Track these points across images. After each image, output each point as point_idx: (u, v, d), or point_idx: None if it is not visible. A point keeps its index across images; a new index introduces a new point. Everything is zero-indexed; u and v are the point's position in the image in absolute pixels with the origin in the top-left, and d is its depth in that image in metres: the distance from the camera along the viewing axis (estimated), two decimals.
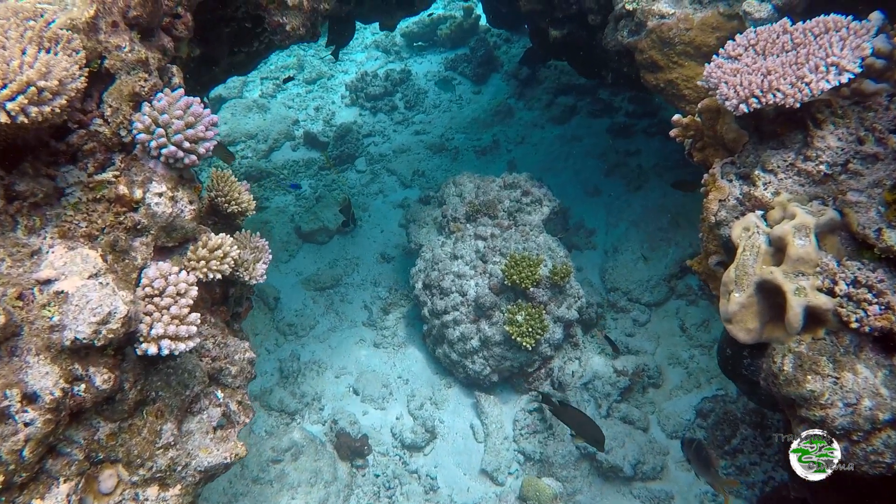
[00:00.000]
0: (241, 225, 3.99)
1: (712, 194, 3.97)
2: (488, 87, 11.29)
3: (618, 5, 5.79)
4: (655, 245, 7.88)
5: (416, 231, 7.90)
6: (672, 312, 7.57)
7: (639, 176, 9.22)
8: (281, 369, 7.52)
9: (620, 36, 5.80)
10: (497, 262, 6.82)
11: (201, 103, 3.41)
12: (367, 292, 8.43)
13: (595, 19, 6.36)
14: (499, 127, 10.50)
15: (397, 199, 9.52)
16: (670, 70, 5.56)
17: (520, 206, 7.34)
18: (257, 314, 8.09)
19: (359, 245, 9.00)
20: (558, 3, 6.91)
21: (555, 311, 6.69)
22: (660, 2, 5.53)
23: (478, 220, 7.36)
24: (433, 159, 10.12)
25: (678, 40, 5.43)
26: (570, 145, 10.03)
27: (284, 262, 8.81)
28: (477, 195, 7.58)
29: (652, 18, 5.51)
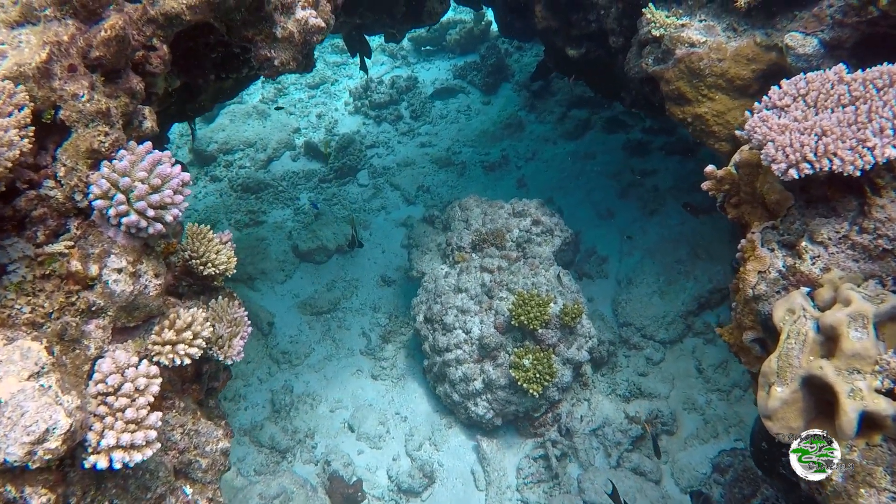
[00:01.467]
0: (220, 286, 3.54)
1: (751, 264, 3.51)
2: (498, 98, 10.81)
3: (643, 29, 5.32)
4: (672, 278, 7.42)
5: (419, 257, 7.45)
6: (688, 351, 7.13)
7: (655, 198, 8.75)
8: (273, 402, 7.10)
9: (645, 63, 5.32)
10: (504, 299, 6.38)
11: (171, 159, 2.97)
12: (365, 318, 8.00)
13: (616, 41, 5.89)
14: (508, 141, 10.04)
15: (400, 216, 9.07)
16: (699, 104, 5.09)
17: (529, 237, 6.88)
18: (250, 341, 7.62)
19: (358, 266, 8.56)
20: (576, 20, 6.43)
21: (564, 352, 6.25)
22: (690, 28, 5.05)
23: (484, 250, 6.92)
24: (439, 174, 9.66)
25: (709, 72, 4.96)
26: (582, 163, 9.56)
27: (280, 282, 8.38)
28: (484, 222, 7.13)
29: (681, 46, 5.04)
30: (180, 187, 2.84)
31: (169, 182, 2.82)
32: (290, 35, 3.59)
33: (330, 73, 12.18)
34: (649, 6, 5.19)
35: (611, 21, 5.79)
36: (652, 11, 5.15)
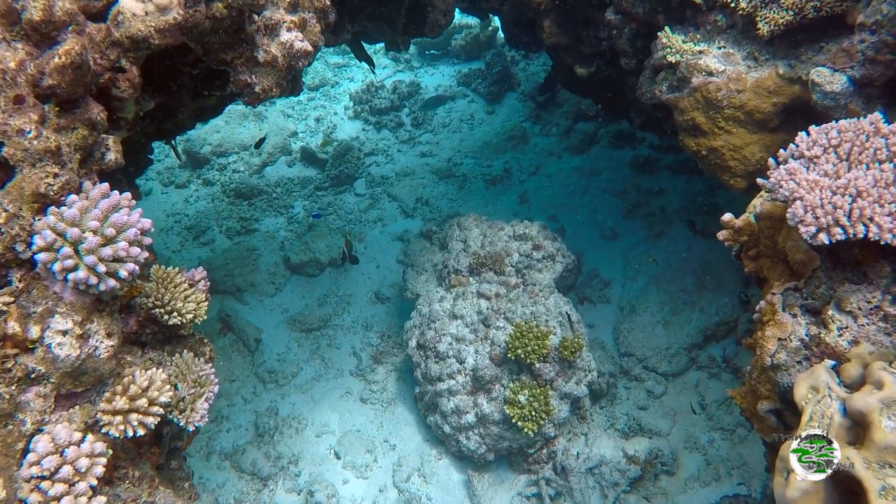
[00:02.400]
0: (187, 334, 3.23)
1: (770, 329, 3.19)
2: (502, 108, 10.48)
3: (657, 53, 4.99)
4: (677, 308, 7.10)
5: (414, 278, 7.14)
6: (691, 385, 6.82)
7: (661, 220, 8.43)
8: (257, 424, 6.80)
9: (658, 90, 5.00)
10: (501, 328, 6.07)
11: (131, 202, 2.66)
12: (357, 337, 7.69)
13: (629, 63, 5.56)
14: (511, 153, 9.71)
15: (397, 230, 8.75)
16: (715, 136, 4.77)
17: (530, 262, 6.56)
18: (235, 357, 7.37)
19: (352, 281, 8.25)
20: (586, 37, 6.10)
21: (562, 387, 5.95)
22: (708, 55, 4.73)
23: (482, 274, 6.60)
24: (438, 186, 9.34)
25: (727, 103, 4.64)
26: (587, 179, 9.23)
27: (270, 296, 8.07)
28: (483, 244, 6.82)
29: (697, 75, 4.71)
30: (138, 237, 2.52)
31: (125, 232, 2.50)
32: (273, 59, 3.27)
33: (331, 74, 11.85)
34: (665, 30, 4.86)
35: (623, 42, 5.46)
36: (668, 36, 4.82)
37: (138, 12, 2.82)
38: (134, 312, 3.17)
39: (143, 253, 2.62)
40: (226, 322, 7.56)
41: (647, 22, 5.28)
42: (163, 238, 9.01)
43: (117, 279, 2.51)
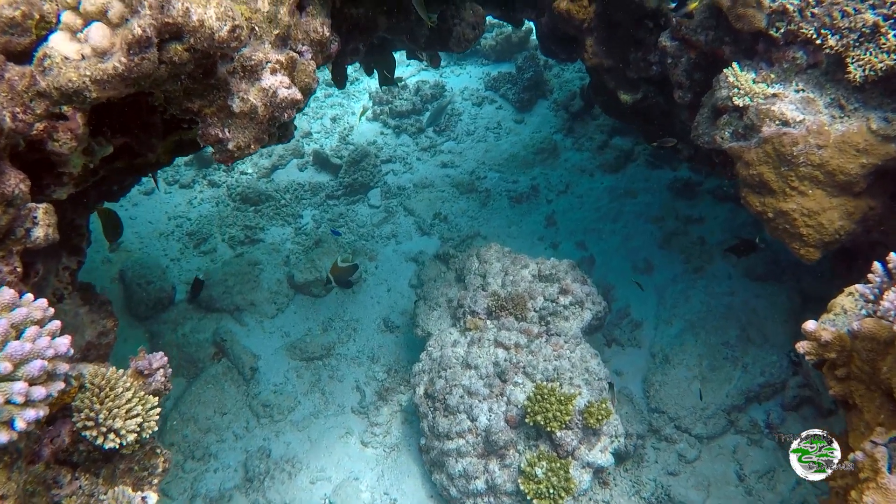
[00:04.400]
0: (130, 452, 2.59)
1: (870, 496, 2.47)
2: (532, 117, 9.72)
3: (720, 91, 4.24)
4: (717, 364, 6.37)
5: (426, 314, 6.47)
6: (728, 451, 6.11)
7: (700, 253, 7.68)
8: (247, 467, 6.21)
9: (720, 136, 4.25)
10: (519, 385, 5.40)
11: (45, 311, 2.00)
12: (361, 369, 7.06)
13: (684, 97, 4.81)
14: (540, 168, 8.96)
15: (412, 249, 8.07)
16: (786, 198, 4.02)
17: (555, 309, 5.86)
18: (228, 387, 6.77)
19: (359, 304, 7.60)
20: (634, 61, 5.35)
21: (585, 455, 5.27)
22: (783, 100, 3.97)
23: (501, 318, 5.92)
24: (459, 201, 8.63)
25: (804, 160, 3.89)
26: (621, 201, 8.48)
27: (270, 317, 7.45)
28: (504, 283, 6.12)
29: (769, 123, 3.96)
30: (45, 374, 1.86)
31: (26, 367, 1.85)
32: (252, 110, 2.59)
33: (350, 69, 11.10)
34: (733, 66, 4.11)
35: (679, 72, 4.70)
36: (736, 73, 4.07)
37: (71, 55, 2.15)
38: (67, 422, 2.53)
39: (57, 385, 1.96)
40: (220, 347, 6.96)
41: (708, 52, 4.52)
42: (162, 243, 8.42)
43: (14, 430, 1.87)
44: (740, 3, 4.00)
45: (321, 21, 2.92)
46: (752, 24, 4.01)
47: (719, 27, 4.35)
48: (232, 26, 2.27)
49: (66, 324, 3.25)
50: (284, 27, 2.71)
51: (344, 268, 6.50)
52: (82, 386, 2.52)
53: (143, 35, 2.08)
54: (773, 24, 3.99)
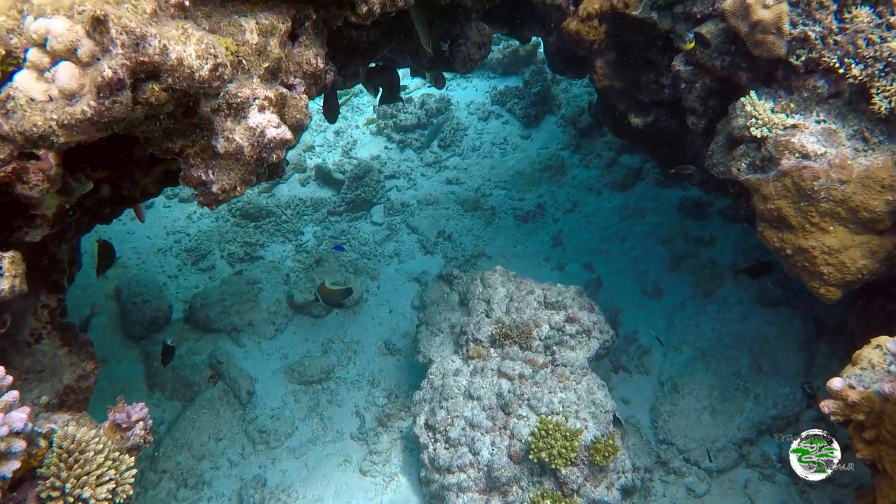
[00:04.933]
0: None
1: None
2: (540, 133, 9.53)
3: (737, 120, 4.04)
4: (728, 394, 6.16)
5: (428, 339, 6.28)
6: (739, 486, 5.89)
7: (711, 276, 7.47)
8: (241, 496, 6.02)
9: (736, 168, 4.06)
10: (523, 418, 5.20)
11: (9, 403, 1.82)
12: (361, 394, 6.87)
13: (698, 124, 4.62)
14: (546, 186, 8.77)
15: (415, 268, 7.88)
16: (806, 234, 3.82)
17: (561, 338, 5.66)
18: (224, 412, 6.58)
19: (360, 325, 7.42)
20: (646, 83, 5.16)
21: (590, 493, 5.07)
22: (803, 132, 3.78)
23: (505, 347, 5.72)
24: (464, 219, 8.44)
25: (825, 195, 3.69)
26: (630, 221, 8.28)
27: (269, 338, 7.27)
28: (508, 309, 5.93)
29: (789, 156, 3.77)
30: None
31: None
32: (238, 150, 2.40)
33: None
34: (751, 95, 3.91)
35: (693, 98, 4.51)
36: (754, 102, 3.87)
37: (38, 96, 1.97)
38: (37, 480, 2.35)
39: (11, 465, 1.78)
40: (216, 370, 6.79)
41: (724, 78, 4.33)
42: (160, 259, 8.26)
43: None
44: (759, 30, 3.81)
45: (315, 52, 2.74)
46: (771, 52, 3.82)
47: (736, 52, 4.16)
48: (214, 65, 2.09)
49: (44, 366, 3.07)
50: (274, 60, 2.53)
51: (332, 290, 6.33)
52: (51, 446, 2.33)
53: (114, 77, 1.90)
54: (794, 52, 3.80)
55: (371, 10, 2.74)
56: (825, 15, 3.66)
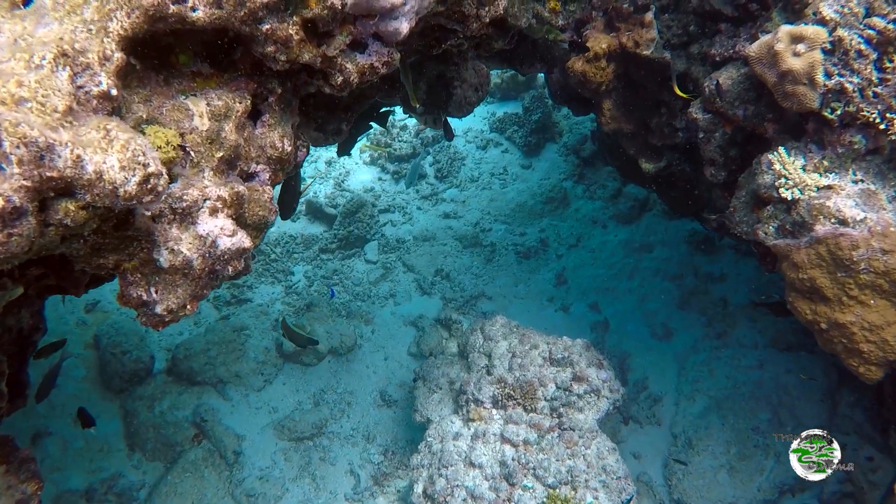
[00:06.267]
0: None
1: None
2: (541, 162, 9.12)
3: (763, 177, 3.64)
4: (747, 451, 5.74)
5: (426, 396, 5.86)
6: None
7: (723, 316, 7.05)
8: None
9: (762, 231, 3.64)
10: (529, 490, 4.79)
11: None
12: (356, 450, 6.45)
13: (717, 176, 4.21)
14: (549, 219, 8.36)
15: (411, 311, 7.46)
16: (843, 308, 3.40)
17: (568, 399, 5.24)
18: (209, 475, 6.15)
19: (354, 374, 6.99)
20: (658, 127, 4.76)
21: None
22: (839, 194, 3.37)
23: (508, 408, 5.30)
24: (462, 256, 8.03)
25: (865, 266, 3.28)
26: (636, 256, 7.87)
27: (257, 390, 6.84)
28: (511, 366, 5.51)
29: (823, 221, 3.35)
30: None
31: None
32: (186, 264, 1.99)
33: None
34: (779, 152, 3.50)
35: (712, 148, 4.10)
36: (783, 160, 3.47)
37: None
38: None
39: None
40: (200, 428, 6.36)
41: (747, 128, 3.92)
42: None
43: None
44: (789, 80, 3.41)
45: (280, 133, 2.33)
46: (802, 105, 3.42)
47: (760, 101, 3.76)
48: (143, 176, 1.68)
49: None
50: (230, 147, 2.12)
51: (294, 332, 5.96)
52: None
53: (6, 207, 1.49)
54: (828, 105, 3.40)
55: (347, 80, 2.34)
56: (864, 65, 3.26)
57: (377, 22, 2.25)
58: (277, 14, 2.05)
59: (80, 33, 1.74)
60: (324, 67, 2.27)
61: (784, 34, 3.43)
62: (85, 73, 1.73)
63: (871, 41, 3.26)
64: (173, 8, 1.85)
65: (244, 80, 2.19)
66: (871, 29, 3.24)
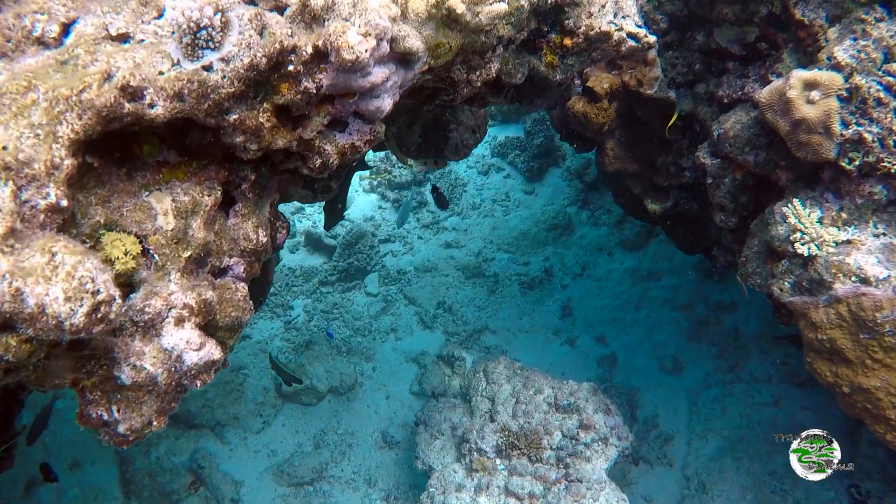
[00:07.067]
0: None
1: None
2: (544, 188, 8.93)
3: (776, 229, 3.44)
4: (764, 498, 5.52)
5: (427, 443, 5.66)
6: None
7: (735, 348, 6.83)
8: None
9: (778, 287, 3.44)
10: None
11: None
12: (357, 495, 6.25)
13: (727, 221, 4.02)
14: (553, 247, 8.16)
15: (413, 347, 7.27)
16: (867, 371, 3.20)
17: (575, 448, 5.03)
18: None
19: (355, 414, 6.80)
20: (664, 166, 4.56)
21: None
22: (859, 250, 3.17)
23: (512, 459, 5.10)
24: (464, 288, 7.84)
25: (890, 328, 3.08)
26: (644, 285, 7.66)
27: (256, 433, 6.65)
28: (515, 413, 5.31)
29: (843, 279, 3.15)
30: None
31: None
32: (150, 380, 1.81)
33: None
34: (794, 204, 3.31)
35: (721, 195, 3.91)
36: (798, 213, 3.27)
37: None
38: None
39: None
40: (197, 475, 6.17)
41: (759, 174, 3.72)
42: None
43: None
44: (802, 129, 3.21)
45: (255, 223, 2.15)
46: (818, 154, 3.22)
47: (772, 148, 3.56)
48: (92, 306, 1.50)
49: None
50: (199, 245, 1.94)
51: (280, 368, 5.89)
52: None
53: None
54: (846, 155, 3.20)
55: (326, 162, 2.16)
56: (884, 113, 3.06)
57: (357, 101, 2.07)
58: (246, 102, 1.87)
59: (26, 140, 1.57)
60: (300, 150, 2.09)
61: (797, 80, 3.23)
62: (31, 185, 1.56)
63: (891, 88, 3.07)
64: (129, 106, 1.67)
65: (214, 168, 2.01)
66: (891, 76, 3.05)
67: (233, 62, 1.77)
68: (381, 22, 1.90)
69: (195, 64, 1.76)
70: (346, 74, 1.95)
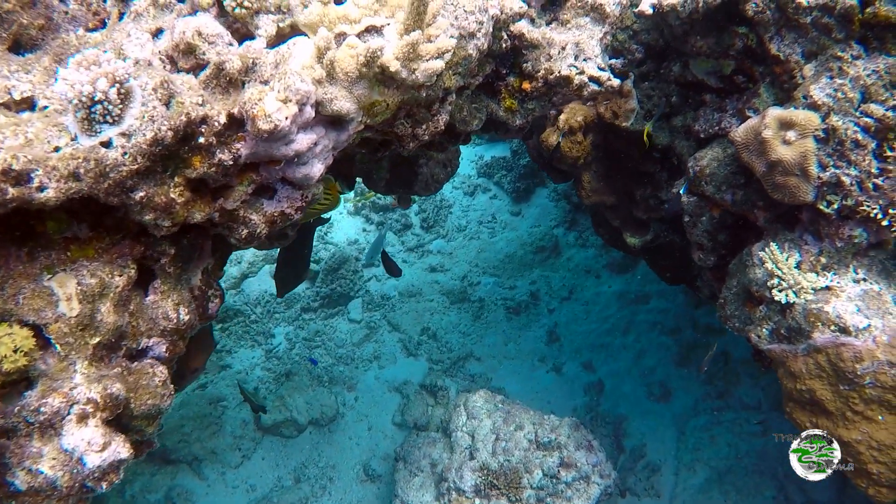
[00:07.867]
0: None
1: None
2: (530, 208, 8.78)
3: (753, 271, 3.29)
4: None
5: (406, 481, 5.50)
6: None
7: (724, 373, 6.67)
8: None
9: (756, 334, 3.29)
10: None
11: None
12: None
13: (706, 260, 3.87)
14: (539, 270, 8.01)
15: (396, 376, 7.11)
16: (848, 424, 3.04)
17: (556, 488, 4.87)
18: None
19: (336, 447, 6.63)
20: (642, 199, 4.42)
21: None
22: (839, 298, 3.02)
23: (491, 497, 4.93)
24: (449, 313, 7.68)
25: (871, 380, 2.93)
26: (632, 308, 7.50)
27: (234, 467, 6.48)
28: (494, 450, 5.14)
29: (822, 328, 3.00)
30: None
31: None
32: (48, 485, 1.65)
33: None
34: (771, 249, 3.16)
35: (699, 234, 3.76)
36: (775, 258, 3.12)
37: None
38: None
39: None
40: None
41: (736, 213, 3.57)
42: None
43: None
44: (779, 171, 3.06)
45: (175, 301, 1.99)
46: (795, 197, 3.07)
47: (749, 187, 3.41)
48: None
49: None
50: (109, 330, 1.79)
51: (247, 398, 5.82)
52: None
53: None
54: (824, 198, 3.05)
55: (253, 233, 2.00)
56: (862, 155, 2.92)
57: (283, 168, 1.92)
58: (154, 178, 1.72)
59: None
60: (224, 221, 1.94)
61: (772, 119, 3.08)
62: None
63: (869, 130, 2.92)
64: (13, 191, 1.52)
65: (129, 243, 1.86)
66: (869, 117, 2.90)
67: (134, 137, 1.62)
68: (302, 86, 1.75)
69: (93, 140, 1.61)
70: (267, 143, 1.80)
